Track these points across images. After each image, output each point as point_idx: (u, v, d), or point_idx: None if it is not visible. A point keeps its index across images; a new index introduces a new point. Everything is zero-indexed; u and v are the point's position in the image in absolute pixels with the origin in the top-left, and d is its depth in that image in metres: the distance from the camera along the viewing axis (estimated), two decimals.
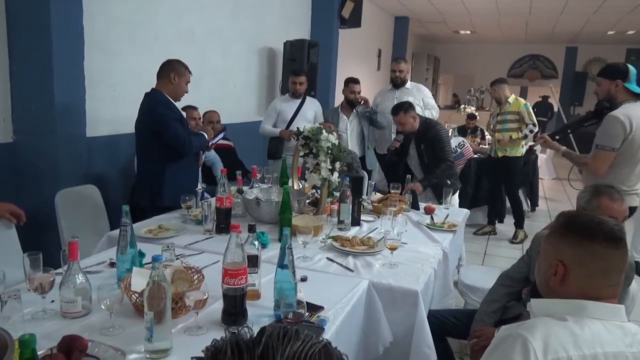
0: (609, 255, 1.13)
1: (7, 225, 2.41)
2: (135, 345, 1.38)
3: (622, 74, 2.77)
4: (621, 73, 2.77)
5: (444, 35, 12.73)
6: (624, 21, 9.34)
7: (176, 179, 2.96)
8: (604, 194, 2.02)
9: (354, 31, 7.18)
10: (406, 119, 3.65)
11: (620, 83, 2.76)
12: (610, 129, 2.71)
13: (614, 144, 2.71)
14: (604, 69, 2.89)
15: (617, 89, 2.77)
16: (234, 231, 1.55)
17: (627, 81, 2.76)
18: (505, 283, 2.19)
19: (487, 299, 2.17)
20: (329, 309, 1.69)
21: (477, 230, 5.31)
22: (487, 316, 2.10)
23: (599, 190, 2.05)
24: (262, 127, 4.65)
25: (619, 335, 1.09)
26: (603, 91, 2.84)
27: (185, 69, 3.01)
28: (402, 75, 4.82)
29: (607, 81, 2.81)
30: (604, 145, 2.75)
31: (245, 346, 0.54)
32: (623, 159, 2.75)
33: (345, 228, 2.66)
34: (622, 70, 2.79)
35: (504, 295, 2.15)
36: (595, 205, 2.00)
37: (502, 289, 2.17)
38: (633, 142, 2.71)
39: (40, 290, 1.55)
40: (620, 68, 2.81)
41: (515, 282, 2.18)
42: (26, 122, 3.08)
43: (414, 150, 3.76)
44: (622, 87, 2.76)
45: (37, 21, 2.93)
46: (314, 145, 2.72)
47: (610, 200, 2.00)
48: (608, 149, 2.73)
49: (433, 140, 3.66)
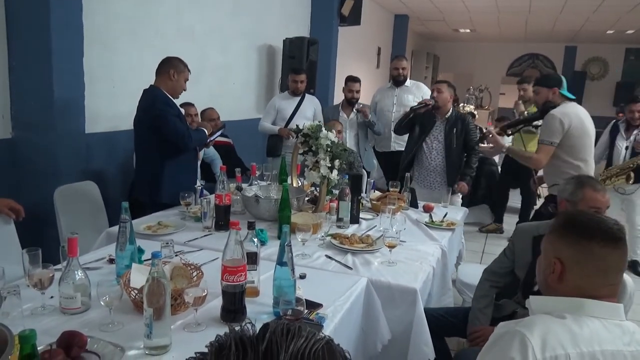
0: (607, 255, 1.14)
1: (6, 221, 2.42)
2: (134, 342, 1.38)
3: (557, 83, 3.13)
4: (557, 82, 3.15)
5: (443, 34, 12.72)
6: (623, 20, 9.34)
7: (175, 176, 2.96)
8: (588, 185, 2.04)
9: (353, 29, 7.17)
10: (446, 89, 3.70)
11: (557, 90, 3.10)
12: (549, 126, 3.02)
13: (553, 139, 3.01)
14: (541, 79, 3.29)
15: (554, 95, 3.11)
16: (234, 228, 1.55)
17: (561, 88, 3.12)
18: (490, 278, 2.23)
19: (476, 295, 2.21)
20: (328, 306, 1.69)
21: (481, 228, 5.32)
22: (481, 313, 2.12)
23: (582, 181, 2.07)
24: (261, 124, 4.64)
25: (618, 333, 1.10)
26: (542, 98, 3.17)
27: (185, 67, 3.01)
28: (404, 73, 4.82)
29: (545, 89, 3.15)
30: (544, 140, 3.05)
31: (249, 342, 0.54)
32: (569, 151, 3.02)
33: (344, 226, 2.66)
34: (557, 79, 3.17)
35: (490, 289, 2.19)
36: (580, 197, 2.02)
37: (487, 283, 2.22)
38: (573, 135, 3.00)
39: (39, 286, 1.55)
40: (555, 77, 3.22)
41: (500, 278, 2.22)
42: (25, 118, 3.08)
43: (441, 132, 3.73)
44: (558, 94, 3.11)
45: (37, 17, 2.92)
46: (313, 143, 2.72)
47: (593, 191, 2.02)
48: (547, 143, 3.03)
49: (467, 128, 3.72)
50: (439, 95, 3.69)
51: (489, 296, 2.18)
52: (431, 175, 3.77)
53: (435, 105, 3.73)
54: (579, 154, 3.05)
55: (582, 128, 3.04)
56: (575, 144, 3.03)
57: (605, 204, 2.02)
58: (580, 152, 3.05)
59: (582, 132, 3.04)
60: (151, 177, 2.97)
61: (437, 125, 3.75)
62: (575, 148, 3.04)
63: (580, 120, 3.05)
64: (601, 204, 2.00)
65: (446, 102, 3.70)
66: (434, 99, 3.74)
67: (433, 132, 3.75)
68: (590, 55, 13.14)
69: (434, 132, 3.75)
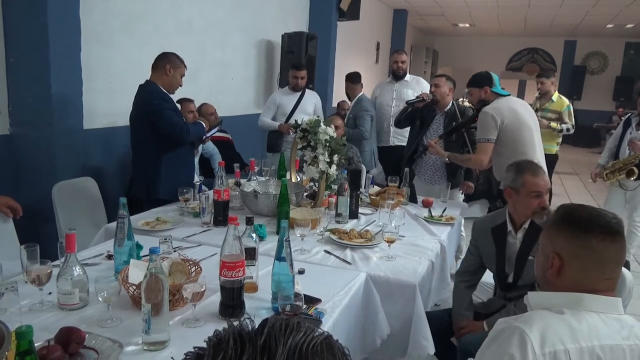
0: (605, 249, 1.13)
1: (5, 218, 2.41)
2: (132, 337, 1.38)
3: (488, 81, 3.15)
4: (487, 80, 3.16)
5: (442, 28, 12.69)
6: (623, 14, 9.32)
7: (172, 172, 2.95)
8: (527, 170, 2.06)
9: (352, 24, 7.15)
10: (443, 83, 3.69)
11: (488, 89, 3.13)
12: (483, 123, 3.05)
13: (489, 136, 3.03)
14: (471, 80, 3.26)
15: (486, 94, 3.14)
16: (232, 223, 1.55)
17: (493, 86, 3.14)
18: (463, 279, 2.29)
19: (455, 298, 2.26)
20: (327, 301, 1.69)
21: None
22: (464, 312, 2.18)
23: (520, 167, 2.09)
24: (261, 119, 4.63)
25: (616, 328, 1.09)
26: (475, 98, 3.22)
27: (181, 62, 2.99)
28: (404, 67, 4.81)
29: (477, 89, 3.18)
30: (480, 138, 3.09)
31: (247, 336, 0.54)
32: (509, 145, 3.02)
33: (343, 221, 2.66)
34: (487, 78, 3.17)
35: (466, 289, 2.25)
36: (520, 183, 2.05)
37: (462, 284, 2.27)
38: (508, 129, 3.01)
39: (37, 282, 1.54)
40: (485, 76, 3.20)
41: (472, 276, 2.29)
42: (23, 115, 3.07)
43: (441, 126, 3.72)
44: (490, 92, 3.13)
45: (34, 13, 2.91)
46: (312, 138, 2.72)
47: (533, 175, 2.04)
48: (484, 140, 3.06)
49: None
50: (437, 90, 3.69)
51: (466, 297, 2.24)
52: (431, 169, 3.76)
53: (434, 99, 3.72)
54: (518, 147, 3.01)
55: (517, 121, 3.02)
56: (512, 137, 3.02)
57: (545, 187, 2.05)
58: (519, 145, 3.02)
59: (517, 125, 3.02)
60: (148, 173, 2.96)
61: (437, 119, 3.74)
62: (513, 142, 3.02)
63: (515, 113, 3.04)
64: (542, 187, 2.03)
65: (445, 96, 3.69)
66: (432, 93, 3.73)
67: (433, 126, 3.74)
68: (589, 49, 13.13)
69: (433, 125, 3.74)
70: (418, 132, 3.82)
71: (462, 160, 3.39)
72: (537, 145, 3.11)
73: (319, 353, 0.54)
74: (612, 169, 4.08)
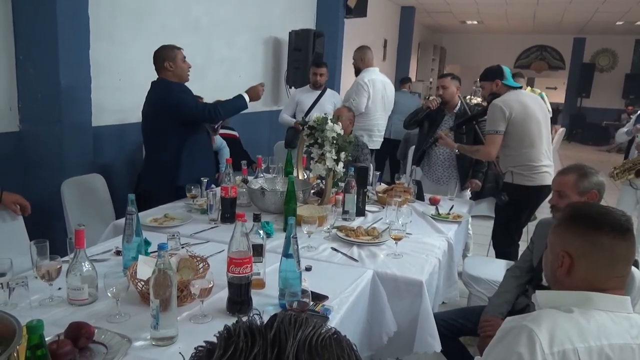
0: (615, 246, 1.13)
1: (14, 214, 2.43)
2: (141, 333, 1.39)
3: (499, 74, 3.18)
4: (498, 74, 3.19)
5: (450, 26, 12.63)
6: (633, 11, 9.22)
7: (194, 161, 2.99)
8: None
9: (359, 21, 7.13)
10: (450, 83, 3.67)
11: (499, 82, 3.17)
12: (492, 115, 3.08)
13: (498, 127, 3.05)
14: (483, 74, 3.29)
15: (498, 87, 3.17)
16: (240, 220, 1.55)
17: (504, 79, 3.17)
18: (514, 274, 2.22)
19: (498, 291, 2.20)
20: (334, 298, 1.69)
21: None
22: (498, 306, 2.11)
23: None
24: (281, 116, 4.69)
25: (625, 326, 1.09)
26: (487, 92, 3.26)
27: (173, 49, 2.99)
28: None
29: (488, 83, 3.23)
30: (489, 130, 3.12)
31: (257, 330, 0.55)
32: (516, 137, 3.06)
33: (349, 218, 2.66)
34: (498, 71, 3.21)
35: (515, 287, 2.17)
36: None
37: (511, 280, 2.20)
38: (516, 122, 3.03)
39: (47, 278, 1.56)
40: (496, 69, 3.23)
41: (523, 271, 2.21)
42: (32, 111, 3.09)
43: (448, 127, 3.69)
44: (501, 85, 3.17)
45: (43, 10, 2.92)
46: (319, 135, 2.72)
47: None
48: (493, 132, 3.08)
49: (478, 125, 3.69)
50: (445, 91, 3.66)
51: (510, 292, 2.15)
52: (439, 169, 3.74)
53: (442, 100, 3.70)
54: (524, 140, 3.05)
55: (525, 114, 3.04)
56: (520, 129, 3.04)
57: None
58: (525, 138, 3.05)
59: (525, 117, 3.04)
60: (169, 164, 2.98)
61: (446, 119, 3.71)
62: (520, 134, 3.05)
63: (524, 106, 3.06)
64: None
65: (454, 96, 3.67)
66: (440, 96, 3.71)
67: (442, 127, 3.71)
68: (599, 46, 13.00)
69: (442, 126, 3.71)
70: (427, 133, 3.80)
71: (471, 152, 3.40)
72: (544, 139, 3.13)
73: (328, 347, 0.55)
74: (622, 168, 4.06)
